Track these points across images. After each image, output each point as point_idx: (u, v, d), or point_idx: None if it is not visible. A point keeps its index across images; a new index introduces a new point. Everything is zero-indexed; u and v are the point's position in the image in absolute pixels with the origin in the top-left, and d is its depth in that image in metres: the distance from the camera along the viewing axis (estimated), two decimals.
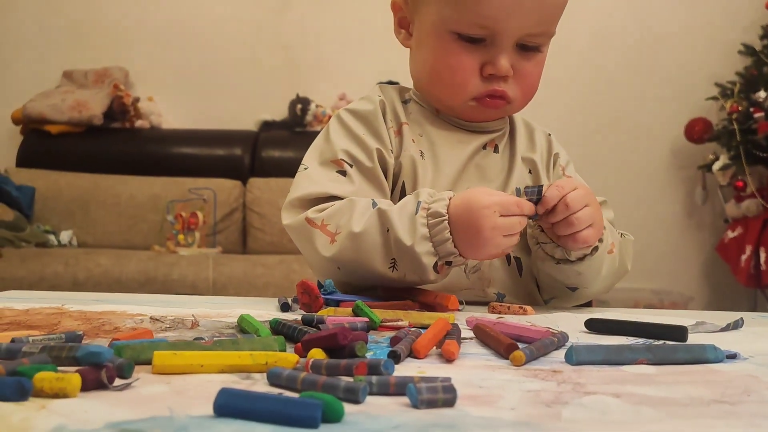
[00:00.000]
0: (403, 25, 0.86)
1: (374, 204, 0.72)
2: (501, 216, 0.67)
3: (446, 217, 0.68)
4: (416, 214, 0.69)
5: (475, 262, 0.80)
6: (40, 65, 3.33)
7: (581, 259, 0.75)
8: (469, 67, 0.77)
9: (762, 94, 2.72)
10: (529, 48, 0.78)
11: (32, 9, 3.37)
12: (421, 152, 0.82)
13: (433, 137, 0.83)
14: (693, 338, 0.58)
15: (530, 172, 0.87)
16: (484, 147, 0.85)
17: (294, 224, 0.77)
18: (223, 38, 3.33)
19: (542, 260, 0.77)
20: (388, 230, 0.69)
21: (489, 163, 0.84)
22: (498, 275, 0.81)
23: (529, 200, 0.69)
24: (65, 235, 2.87)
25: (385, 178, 0.81)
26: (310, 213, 0.75)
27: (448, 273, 0.71)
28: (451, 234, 0.67)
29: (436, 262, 0.68)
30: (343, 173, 0.79)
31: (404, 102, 0.87)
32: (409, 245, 0.68)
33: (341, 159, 0.79)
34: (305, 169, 0.81)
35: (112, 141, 3.15)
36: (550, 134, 0.91)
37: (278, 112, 3.25)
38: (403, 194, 0.81)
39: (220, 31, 3.33)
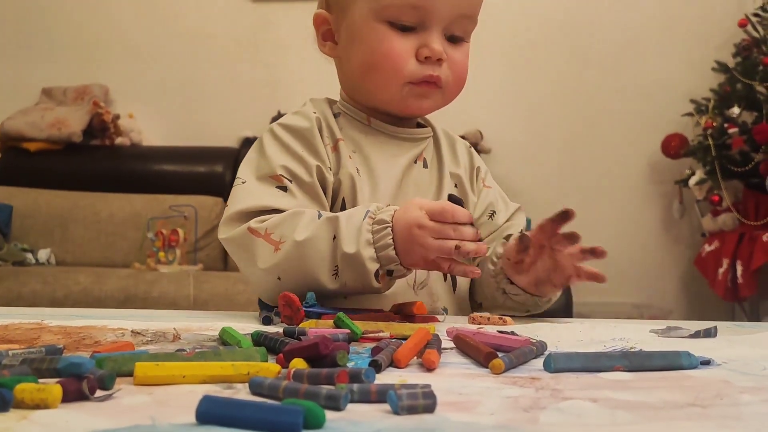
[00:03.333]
0: (327, 38, 0.87)
1: (320, 215, 0.73)
2: (432, 220, 0.68)
3: (390, 224, 0.69)
4: (363, 220, 0.70)
5: (423, 277, 0.81)
6: (19, 82, 3.31)
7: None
8: (404, 51, 0.79)
9: (735, 110, 2.77)
10: (456, 39, 0.81)
11: (10, 26, 3.36)
12: (357, 169, 0.82)
13: (366, 152, 0.84)
14: (668, 344, 0.59)
15: (456, 185, 0.89)
16: (415, 161, 0.86)
17: (234, 236, 0.75)
18: (203, 55, 3.34)
19: (502, 299, 0.79)
20: (334, 237, 0.70)
21: (421, 178, 0.86)
22: (440, 291, 0.83)
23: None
24: (43, 254, 2.84)
25: (325, 195, 0.81)
26: (253, 223, 0.74)
27: (391, 285, 0.72)
28: (393, 241, 0.68)
29: (377, 270, 0.69)
30: (284, 189, 0.78)
31: (335, 115, 0.87)
32: (353, 251, 0.69)
33: (280, 174, 0.78)
34: (242, 183, 0.79)
35: (92, 158, 3.13)
36: (470, 147, 0.94)
37: (259, 128, 3.24)
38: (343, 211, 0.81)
39: (201, 48, 3.34)
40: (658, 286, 3.19)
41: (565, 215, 0.69)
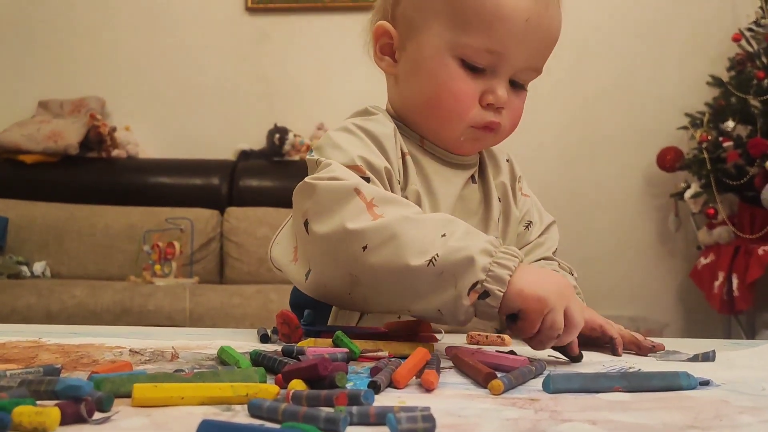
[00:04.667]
0: (386, 52, 0.82)
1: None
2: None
3: (519, 258, 0.61)
4: (492, 237, 0.63)
5: None
6: (16, 95, 3.31)
7: None
8: (472, 94, 0.76)
9: (730, 123, 2.79)
10: (517, 85, 0.79)
11: (7, 39, 3.36)
12: (420, 186, 0.80)
13: (426, 171, 0.80)
14: (666, 365, 0.59)
15: (500, 199, 0.86)
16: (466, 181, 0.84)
17: (331, 186, 0.66)
18: (201, 68, 3.35)
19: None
20: (443, 235, 0.61)
21: (470, 194, 0.84)
22: None
23: None
24: (38, 266, 2.83)
25: None
26: (361, 186, 0.66)
27: (471, 317, 0.61)
28: (514, 269, 0.60)
29: (476, 283, 0.59)
30: (367, 179, 0.69)
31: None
32: (464, 246, 0.60)
33: (359, 165, 0.70)
34: (328, 163, 0.70)
35: (88, 171, 3.13)
36: (508, 159, 0.92)
37: (256, 141, 3.26)
38: None
39: (198, 60, 3.35)
40: (653, 299, 3.19)
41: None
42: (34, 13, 3.36)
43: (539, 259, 0.88)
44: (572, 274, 0.88)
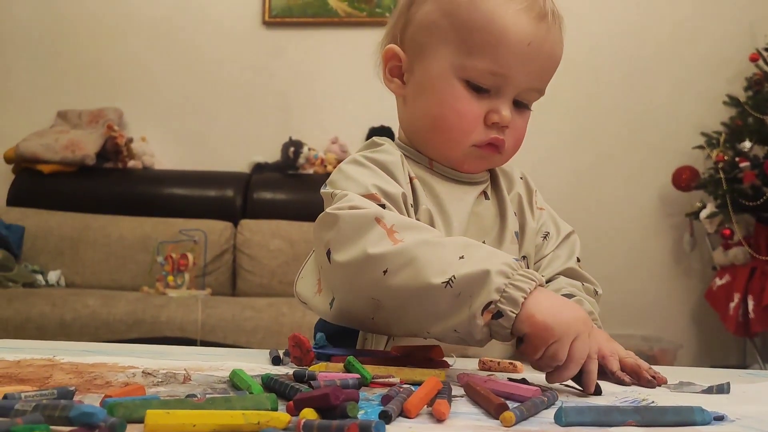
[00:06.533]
0: (395, 74, 0.85)
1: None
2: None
3: (536, 282, 0.61)
4: (512, 258, 0.63)
5: None
6: (35, 105, 3.36)
7: None
8: (476, 114, 0.79)
9: (747, 144, 2.77)
10: (521, 105, 0.81)
11: (27, 49, 3.41)
12: (431, 206, 0.81)
13: (436, 191, 0.82)
14: (681, 397, 0.59)
15: (515, 213, 0.87)
16: (478, 196, 0.85)
17: (352, 215, 0.67)
18: (217, 80, 3.38)
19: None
20: (462, 257, 0.62)
21: (484, 210, 0.85)
22: None
23: None
24: (53, 275, 2.86)
25: None
26: (381, 214, 0.67)
27: (486, 338, 0.62)
28: (528, 292, 0.60)
29: (490, 303, 0.60)
30: (382, 206, 0.71)
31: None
32: (481, 269, 0.61)
33: (374, 193, 0.72)
34: (345, 194, 0.72)
35: (104, 181, 3.16)
36: (522, 177, 0.93)
37: (271, 154, 3.28)
38: None
39: (214, 73, 3.38)
40: (668, 319, 3.17)
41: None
42: (53, 25, 3.41)
43: (560, 273, 0.88)
44: (597, 292, 0.88)
